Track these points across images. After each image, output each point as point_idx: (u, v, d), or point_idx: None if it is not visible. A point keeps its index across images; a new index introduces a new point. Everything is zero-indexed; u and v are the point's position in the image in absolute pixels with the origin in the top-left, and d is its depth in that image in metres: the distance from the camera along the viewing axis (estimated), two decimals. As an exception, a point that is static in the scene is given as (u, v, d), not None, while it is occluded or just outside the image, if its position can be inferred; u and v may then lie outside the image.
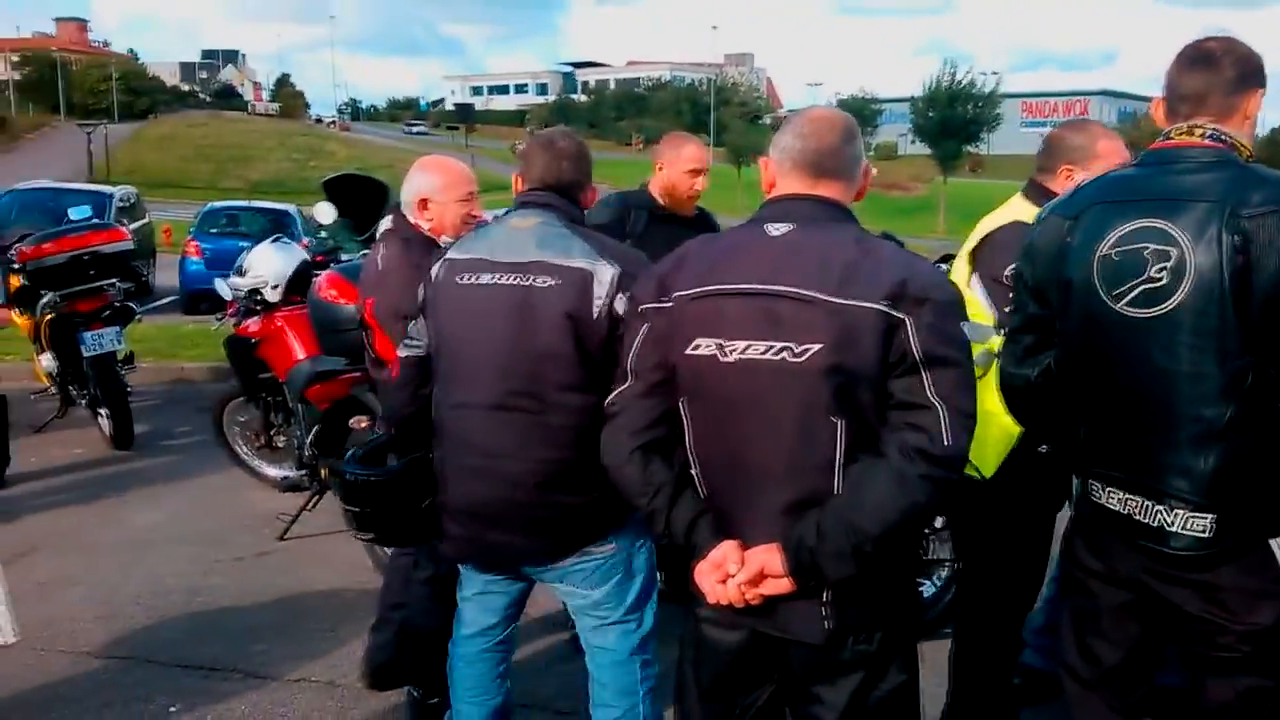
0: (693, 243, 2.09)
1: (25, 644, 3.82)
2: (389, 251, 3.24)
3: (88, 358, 6.25)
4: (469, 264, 2.49)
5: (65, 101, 77.23)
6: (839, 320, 1.78)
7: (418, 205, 3.23)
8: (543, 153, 2.59)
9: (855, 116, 2.21)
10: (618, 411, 2.04)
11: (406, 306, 3.09)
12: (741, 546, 1.89)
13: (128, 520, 5.28)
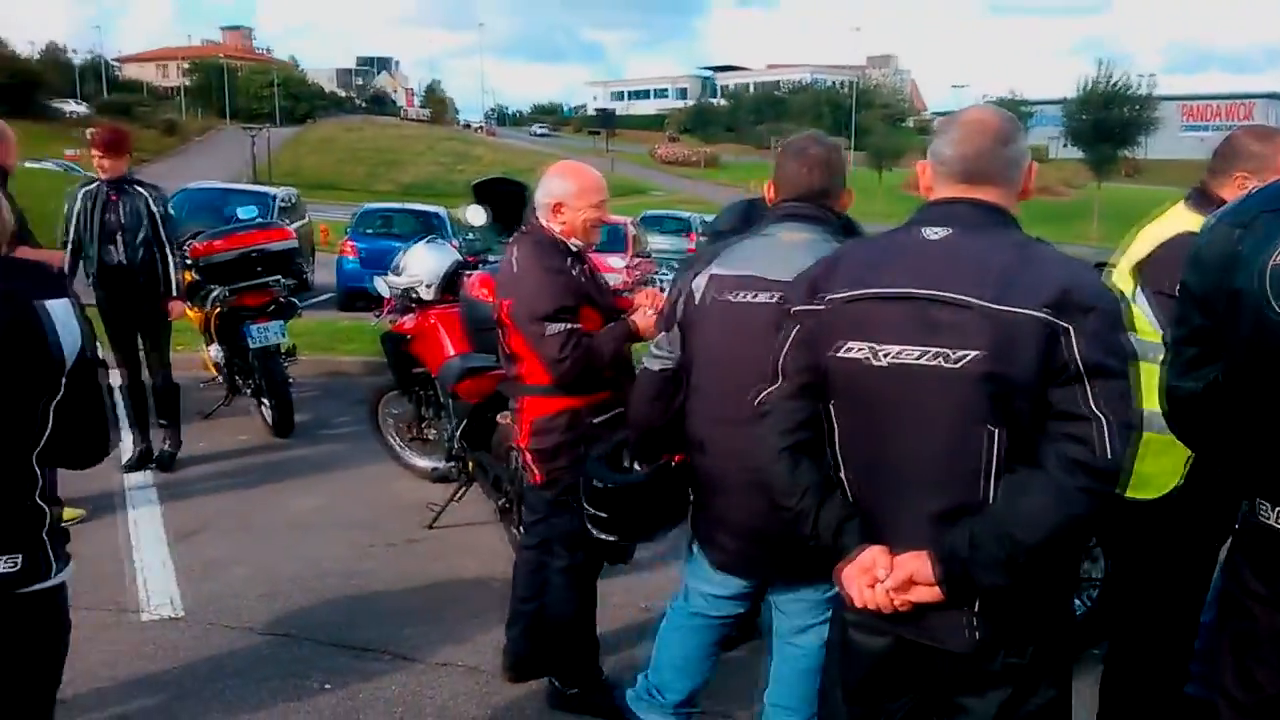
0: (847, 245, 2.09)
1: (193, 618, 4.11)
2: (522, 253, 3.32)
3: (253, 350, 6.60)
4: (741, 281, 2.48)
5: (230, 106, 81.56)
6: (998, 327, 1.74)
7: (551, 209, 3.31)
8: (798, 161, 2.56)
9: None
10: (767, 411, 2.05)
11: (540, 307, 3.17)
12: (889, 551, 1.87)
13: (288, 504, 5.55)
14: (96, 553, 4.68)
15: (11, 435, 1.93)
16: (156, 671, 3.66)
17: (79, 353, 1.96)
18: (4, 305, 1.88)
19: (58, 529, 2.06)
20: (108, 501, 5.36)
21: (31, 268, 2.03)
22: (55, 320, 1.92)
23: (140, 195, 5.74)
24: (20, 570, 1.97)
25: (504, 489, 4.81)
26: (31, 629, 2.04)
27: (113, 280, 5.74)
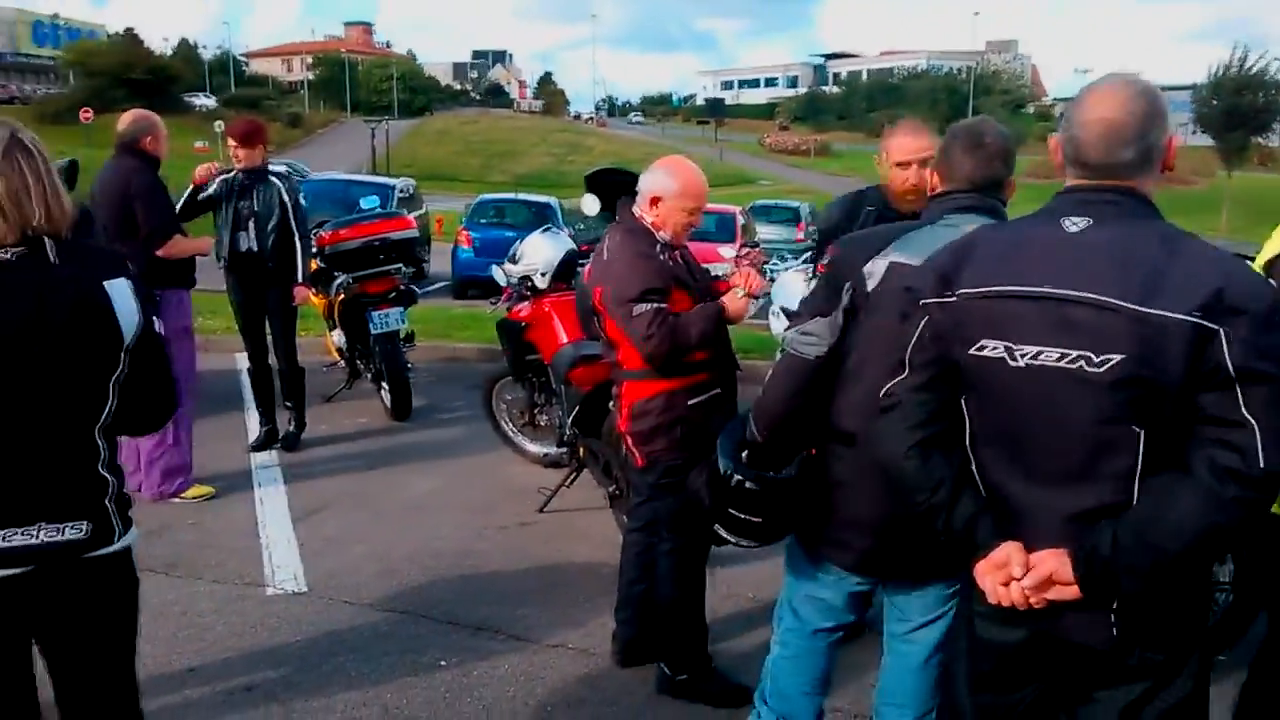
0: (980, 232, 2.01)
1: (315, 593, 4.25)
2: (614, 241, 3.39)
3: (374, 335, 6.79)
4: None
5: (351, 99, 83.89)
6: (1144, 331, 1.66)
7: (649, 200, 3.35)
8: (978, 151, 2.44)
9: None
10: (894, 404, 2.00)
11: (628, 290, 3.20)
12: (1024, 548, 1.83)
13: (405, 485, 5.70)
14: (225, 528, 4.90)
15: (77, 409, 2.06)
16: (280, 644, 3.80)
17: (139, 329, 2.08)
18: (70, 286, 2.00)
19: (121, 496, 2.18)
20: (236, 480, 5.60)
21: (92, 250, 2.15)
22: (117, 299, 2.04)
23: (274, 185, 5.94)
24: (88, 536, 2.09)
25: (614, 475, 4.85)
26: (101, 591, 2.16)
27: (243, 266, 5.97)
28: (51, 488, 2.05)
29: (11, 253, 1.98)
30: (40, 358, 1.97)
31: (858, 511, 2.49)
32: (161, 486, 5.23)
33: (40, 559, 2.04)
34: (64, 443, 2.05)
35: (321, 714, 3.34)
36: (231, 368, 7.80)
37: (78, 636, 2.14)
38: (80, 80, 61.25)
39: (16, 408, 1.99)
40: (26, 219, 1.98)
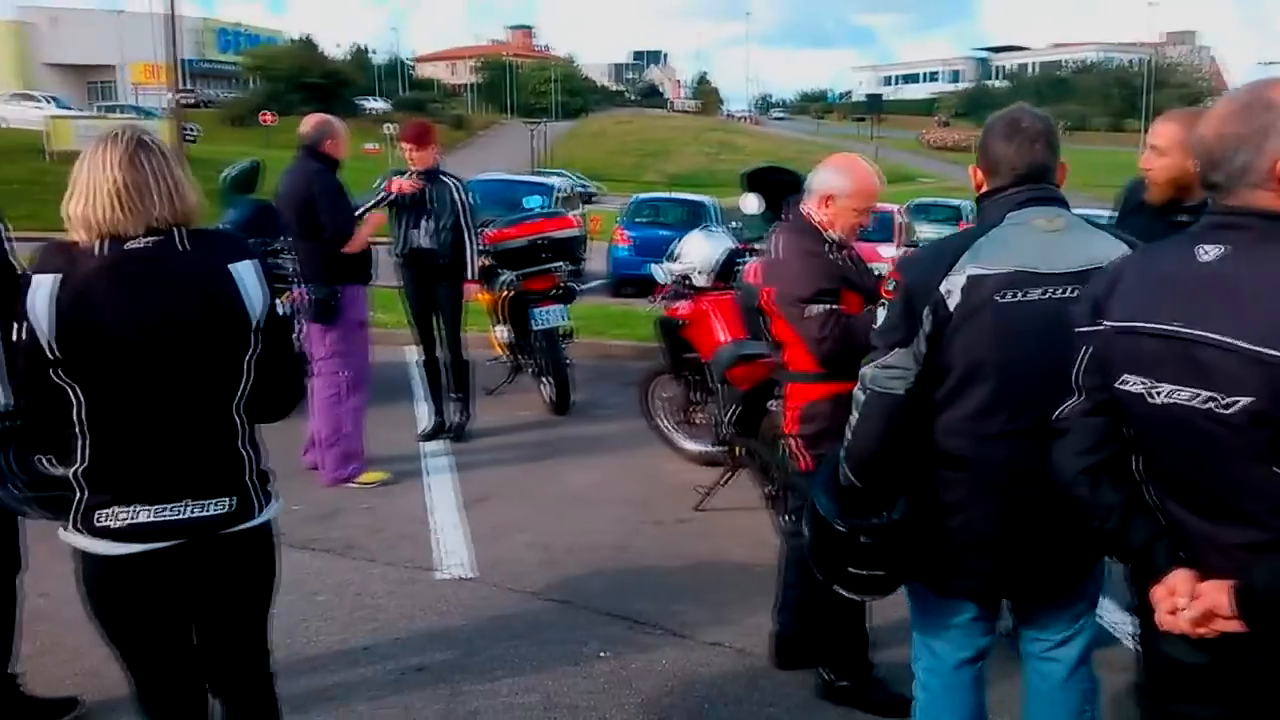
0: (1127, 260, 1.93)
1: (481, 579, 4.39)
2: (783, 241, 3.36)
3: (536, 331, 6.97)
4: (1010, 279, 2.22)
5: (513, 102, 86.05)
6: (1269, 372, 1.57)
7: (821, 199, 3.30)
8: (1021, 139, 2.34)
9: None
10: (1065, 429, 1.95)
11: (800, 290, 3.17)
12: (1196, 577, 1.75)
13: (565, 478, 5.82)
14: (399, 513, 5.12)
15: (214, 388, 2.19)
16: (449, 627, 3.95)
17: (268, 310, 2.20)
18: (198, 270, 2.15)
19: (262, 472, 2.30)
20: (407, 467, 5.83)
21: (219, 236, 2.32)
22: (243, 281, 2.17)
23: (447, 184, 6.17)
24: (233, 511, 2.23)
25: (772, 476, 4.83)
26: (243, 563, 2.30)
27: (417, 262, 6.21)
28: (196, 465, 2.18)
29: (144, 241, 2.12)
30: (175, 339, 2.10)
31: (976, 534, 2.36)
32: (337, 471, 5.49)
33: (187, 533, 2.18)
34: (205, 421, 2.18)
35: (486, 698, 3.44)
36: (402, 360, 8.12)
37: (220, 604, 2.30)
38: (260, 85, 64.85)
39: (159, 389, 2.12)
40: (149, 212, 2.12)
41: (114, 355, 2.07)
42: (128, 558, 2.15)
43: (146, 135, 2.22)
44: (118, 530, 2.14)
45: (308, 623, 3.91)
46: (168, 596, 2.22)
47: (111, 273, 2.08)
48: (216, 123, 52.12)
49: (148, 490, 2.14)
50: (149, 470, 2.15)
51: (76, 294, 2.05)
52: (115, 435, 2.14)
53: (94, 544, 2.15)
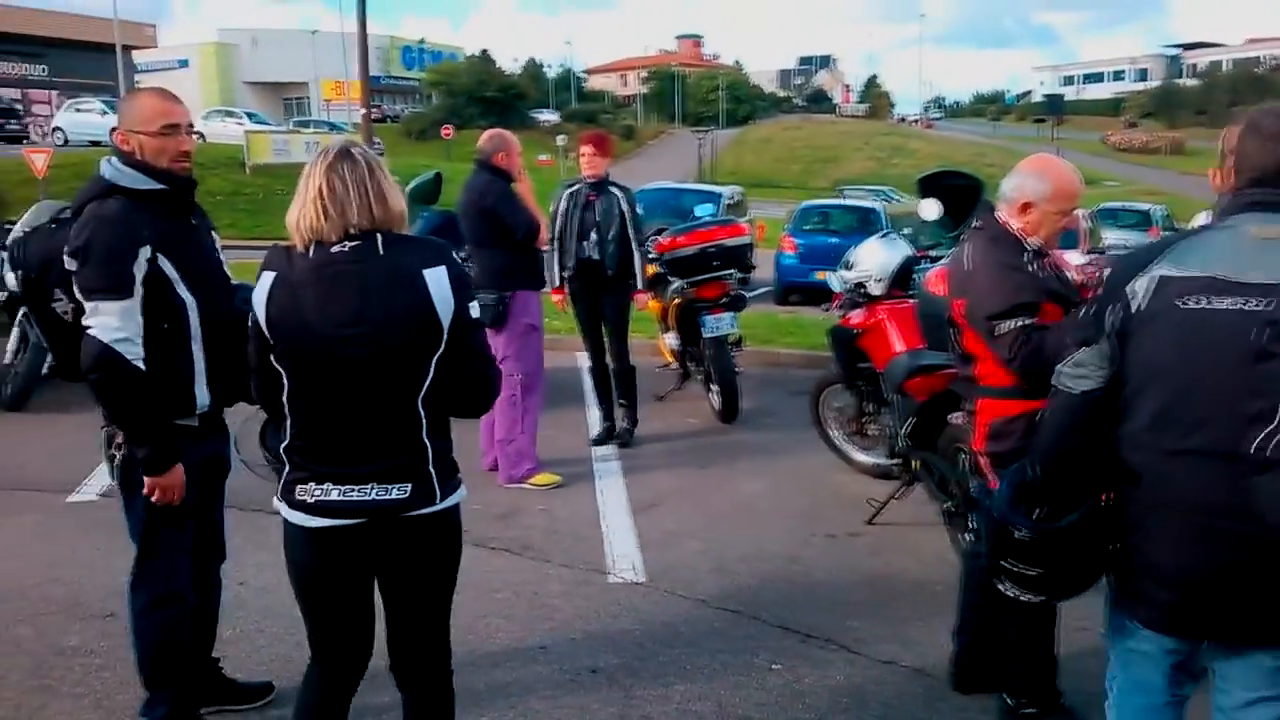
0: None
1: (653, 584, 4.42)
2: (976, 250, 3.18)
3: (706, 339, 6.98)
4: (1200, 284, 2.06)
5: (680, 111, 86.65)
6: None
7: (1019, 206, 3.13)
8: (1250, 134, 2.16)
9: None
10: (1274, 461, 1.81)
11: (992, 305, 3.01)
12: None
13: (734, 486, 5.81)
14: (572, 515, 5.22)
15: (401, 382, 2.32)
16: (621, 631, 3.99)
17: (455, 313, 2.32)
18: (392, 273, 2.29)
19: (444, 462, 2.42)
20: (578, 471, 5.93)
21: (418, 243, 2.42)
22: (434, 285, 2.29)
23: (615, 196, 6.29)
24: (409, 497, 2.35)
25: (950, 492, 4.68)
26: (422, 545, 2.44)
27: (585, 273, 6.33)
28: (381, 452, 2.34)
29: (346, 245, 2.28)
30: (364, 337, 2.26)
31: (1156, 560, 2.16)
32: (511, 471, 5.66)
33: (370, 513, 2.34)
34: (390, 412, 2.33)
35: (659, 703, 3.46)
36: (573, 366, 8.29)
37: (400, 583, 2.47)
38: (441, 99, 67.48)
39: (348, 381, 2.29)
40: (347, 219, 2.28)
41: (311, 347, 2.29)
42: (317, 530, 2.36)
43: (354, 148, 2.39)
44: (311, 505, 2.36)
45: (487, 619, 4.03)
46: (350, 569, 2.43)
47: (315, 273, 2.29)
48: (399, 136, 54.51)
49: (338, 471, 2.33)
50: (339, 453, 2.34)
51: (286, 290, 2.30)
52: (312, 419, 2.36)
53: (291, 514, 2.39)
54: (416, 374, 2.32)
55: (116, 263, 2.73)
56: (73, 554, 4.65)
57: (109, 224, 2.75)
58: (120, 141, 2.88)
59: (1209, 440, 2.00)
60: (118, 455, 2.95)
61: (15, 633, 3.90)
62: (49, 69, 45.88)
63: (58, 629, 3.93)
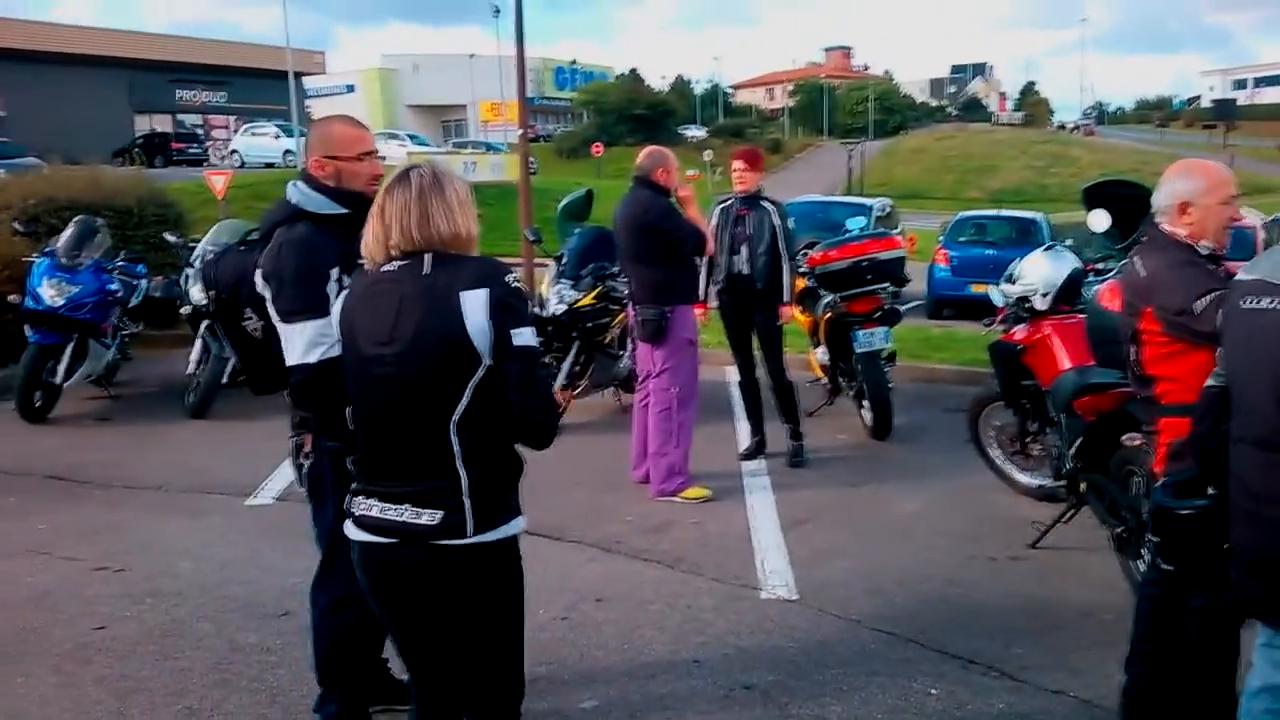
0: None
1: (805, 602, 4.37)
2: (1147, 261, 3.09)
3: (858, 353, 6.86)
4: (1253, 286, 2.36)
5: (828, 123, 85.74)
6: None
7: (1177, 210, 3.04)
8: None
9: None
10: None
11: (1182, 297, 2.91)
12: None
13: (887, 504, 5.69)
14: (723, 530, 5.21)
15: (431, 406, 2.26)
16: (774, 648, 3.95)
17: (496, 339, 2.23)
18: (429, 295, 2.25)
19: (485, 493, 2.28)
20: (728, 485, 5.92)
21: (467, 264, 2.31)
22: (469, 307, 2.22)
23: (766, 210, 6.28)
24: (438, 525, 2.27)
25: (1122, 516, 4.47)
26: (455, 579, 2.32)
27: (735, 287, 6.34)
28: (416, 474, 2.29)
29: (395, 265, 2.31)
30: (396, 356, 2.26)
31: (1234, 543, 2.42)
32: (663, 484, 5.69)
33: (399, 535, 2.31)
34: (422, 435, 2.28)
35: (814, 723, 3.42)
36: (722, 379, 8.28)
37: (440, 612, 2.40)
38: (591, 118, 68.70)
39: (383, 400, 2.30)
40: (390, 238, 2.31)
41: (354, 363, 2.36)
42: (360, 544, 2.39)
43: (415, 169, 2.38)
44: (357, 518, 2.38)
45: (642, 630, 4.06)
46: (392, 589, 2.39)
47: (365, 291, 2.36)
48: (551, 155, 55.73)
49: (382, 489, 2.34)
50: (383, 470, 2.35)
51: (346, 307, 2.40)
52: (361, 433, 2.39)
53: (348, 525, 2.42)
54: (447, 398, 2.25)
55: (311, 284, 2.82)
56: (251, 555, 4.91)
57: (300, 249, 2.86)
58: (316, 167, 2.99)
59: (1253, 429, 2.29)
60: (305, 464, 3.09)
61: (198, 628, 4.15)
62: (228, 95, 48.94)
63: (236, 626, 4.16)
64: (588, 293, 7.20)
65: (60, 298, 7.34)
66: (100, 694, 3.61)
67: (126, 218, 10.18)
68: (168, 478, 6.16)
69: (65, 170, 11.37)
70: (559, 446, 2.43)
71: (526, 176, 11.43)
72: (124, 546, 5.05)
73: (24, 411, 7.36)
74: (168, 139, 40.14)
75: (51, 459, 6.54)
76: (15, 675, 3.74)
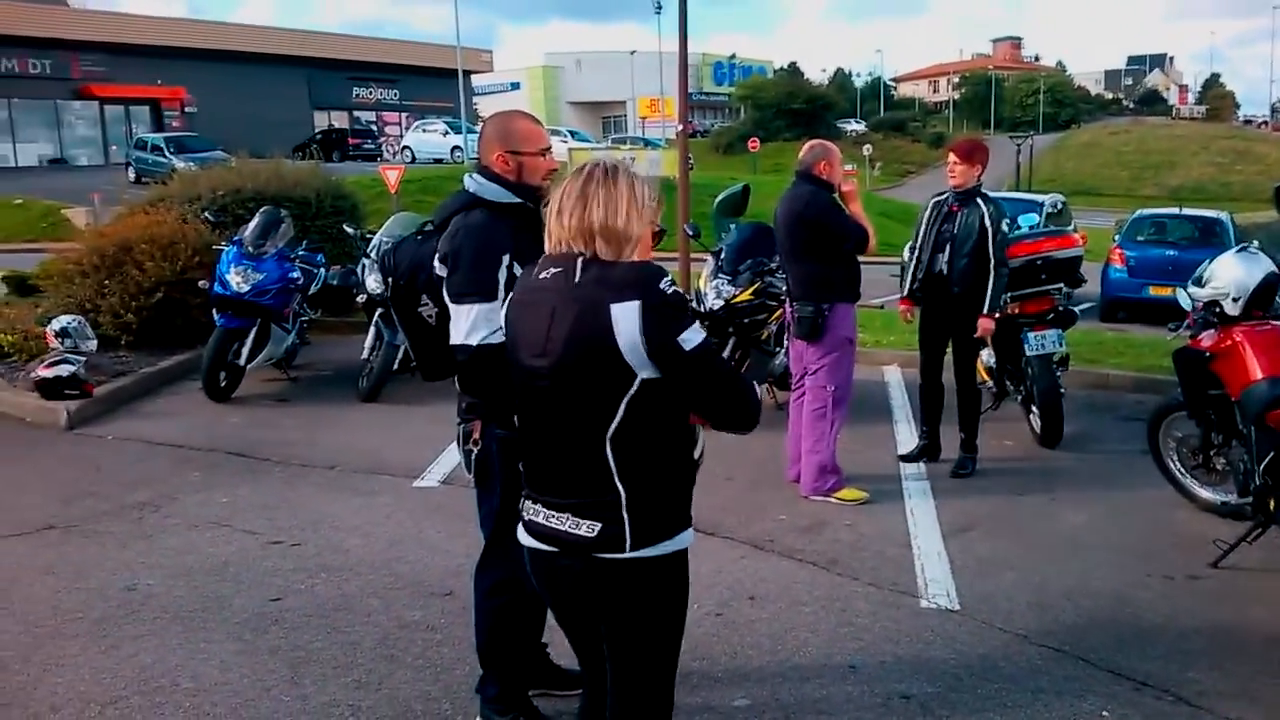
0: None
1: (967, 613, 4.23)
2: None
3: (1028, 356, 6.58)
4: None
5: (995, 116, 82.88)
6: None
7: None
8: None
9: None
10: None
11: None
12: None
13: (1055, 516, 5.45)
14: (879, 534, 5.10)
15: (585, 420, 2.22)
16: (934, 659, 3.84)
17: (662, 349, 2.14)
18: (577, 306, 2.19)
19: (646, 508, 2.24)
20: (885, 488, 5.78)
21: (619, 271, 2.21)
22: (619, 321, 2.13)
23: (978, 209, 5.91)
24: (597, 537, 2.24)
25: (1318, 537, 4.16)
26: (612, 592, 2.28)
27: (932, 287, 6.07)
28: (576, 486, 2.27)
29: (549, 272, 2.26)
30: (548, 368, 2.23)
31: None
32: (815, 484, 5.60)
33: (559, 544, 2.31)
34: (577, 449, 2.24)
35: (974, 737, 3.31)
36: (879, 379, 8.11)
37: (595, 623, 2.38)
38: (749, 113, 68.42)
39: (539, 411, 2.30)
40: (559, 239, 2.27)
41: (518, 372, 2.33)
42: (527, 550, 2.41)
43: (597, 164, 2.32)
44: (525, 523, 2.40)
45: (795, 632, 4.02)
46: (555, 595, 2.41)
47: (523, 297, 2.35)
48: (707, 151, 55.76)
49: (547, 496, 2.33)
50: (546, 478, 2.34)
51: (509, 313, 2.38)
52: (525, 439, 2.38)
53: (520, 529, 2.43)
54: (601, 413, 2.20)
55: (484, 269, 2.95)
56: (416, 534, 5.10)
57: (476, 234, 2.99)
58: (500, 162, 3.09)
59: None
60: (474, 450, 3.17)
61: (367, 604, 4.33)
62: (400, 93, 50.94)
63: (402, 604, 4.32)
64: (745, 288, 7.15)
65: (246, 284, 7.76)
66: (275, 663, 3.81)
67: (306, 209, 10.67)
68: (340, 458, 6.45)
69: (251, 163, 11.99)
70: (711, 442, 2.40)
71: (686, 172, 11.44)
72: (298, 522, 5.32)
73: (210, 391, 7.83)
74: (344, 135, 42.13)
75: (234, 436, 6.94)
76: (200, 640, 3.99)
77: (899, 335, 8.66)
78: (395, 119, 50.08)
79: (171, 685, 3.65)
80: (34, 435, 7.04)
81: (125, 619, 4.18)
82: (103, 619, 4.18)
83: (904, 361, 8.67)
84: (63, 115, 41.68)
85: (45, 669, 3.76)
